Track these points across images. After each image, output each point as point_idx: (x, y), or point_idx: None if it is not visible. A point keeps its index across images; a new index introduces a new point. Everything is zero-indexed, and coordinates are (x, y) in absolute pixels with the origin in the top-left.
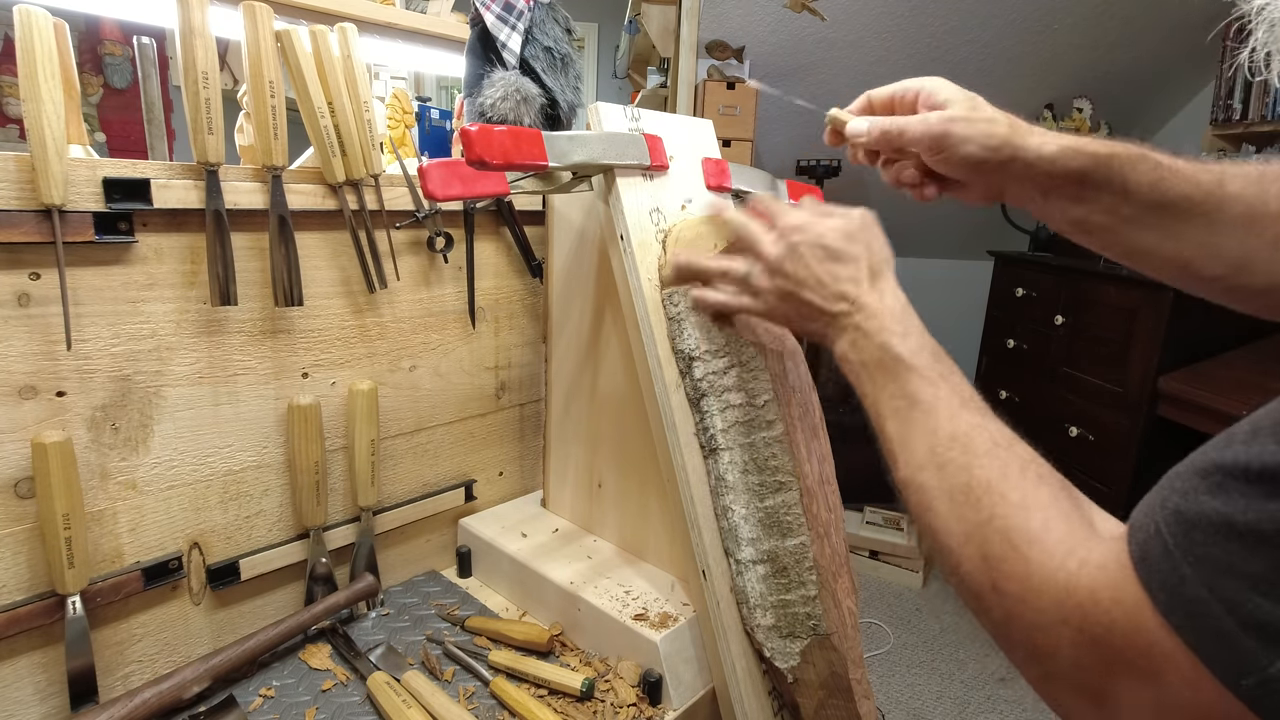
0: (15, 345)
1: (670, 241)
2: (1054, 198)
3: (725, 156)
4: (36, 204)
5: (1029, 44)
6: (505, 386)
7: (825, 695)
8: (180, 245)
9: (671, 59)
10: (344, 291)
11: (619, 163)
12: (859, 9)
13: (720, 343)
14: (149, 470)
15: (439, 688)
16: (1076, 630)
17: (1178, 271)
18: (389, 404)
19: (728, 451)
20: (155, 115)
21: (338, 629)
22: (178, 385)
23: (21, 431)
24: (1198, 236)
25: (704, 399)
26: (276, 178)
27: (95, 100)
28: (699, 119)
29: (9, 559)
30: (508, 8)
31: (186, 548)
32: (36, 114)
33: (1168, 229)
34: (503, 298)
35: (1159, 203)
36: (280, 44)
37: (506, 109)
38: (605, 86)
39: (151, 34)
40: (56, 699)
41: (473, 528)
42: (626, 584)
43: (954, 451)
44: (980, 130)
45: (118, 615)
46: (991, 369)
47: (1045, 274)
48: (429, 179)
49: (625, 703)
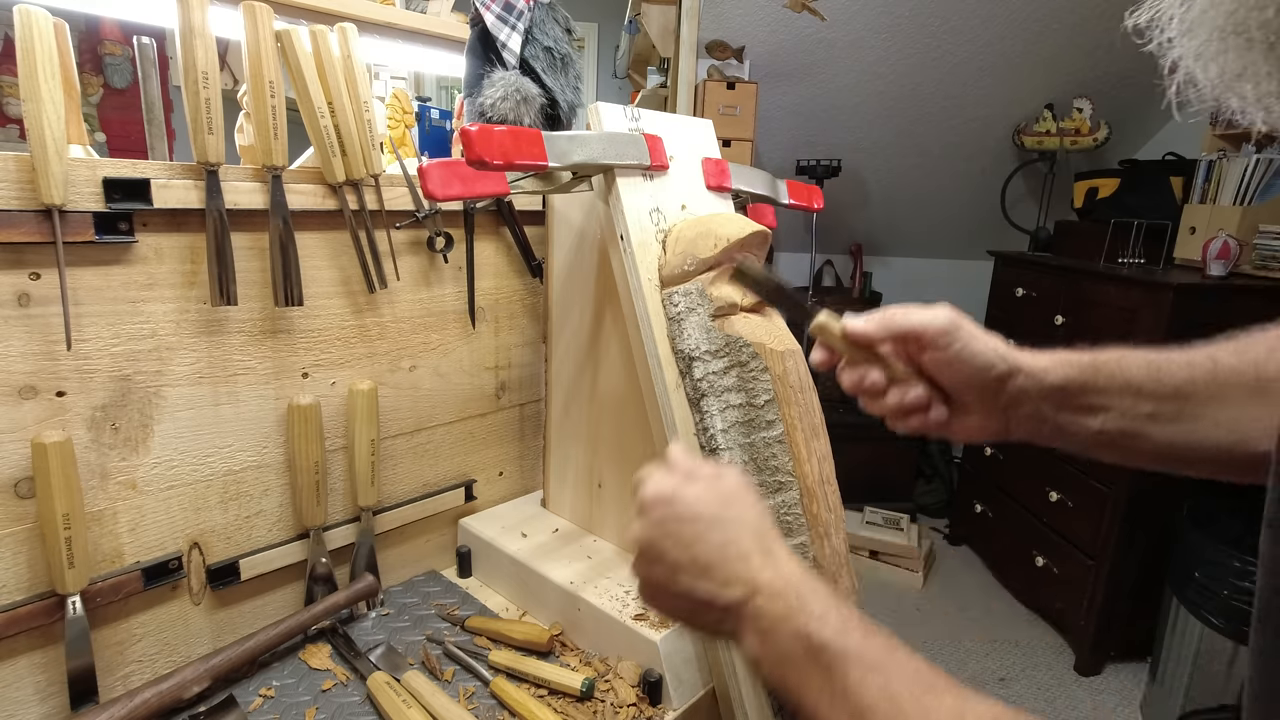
0: (15, 345)
1: (670, 241)
2: (1065, 412)
3: (725, 156)
4: (36, 204)
5: (1029, 44)
6: (505, 386)
7: None
8: (180, 245)
9: (671, 59)
10: (344, 291)
11: (619, 163)
12: (859, 9)
13: (720, 343)
14: (149, 470)
15: (439, 688)
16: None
17: (1230, 458)
18: (389, 404)
19: (728, 451)
20: (155, 115)
21: (338, 629)
22: (178, 385)
23: (21, 431)
24: (1229, 414)
25: (704, 399)
26: (276, 178)
27: (95, 100)
28: (699, 119)
29: (9, 559)
30: (508, 8)
31: (186, 548)
32: (36, 114)
33: (1197, 416)
34: (503, 298)
35: (1174, 391)
36: (280, 44)
37: (506, 109)
38: (605, 86)
39: (151, 34)
40: (56, 699)
41: (473, 528)
42: (626, 584)
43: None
44: (986, 336)
45: (118, 615)
46: None
47: (1045, 274)
48: (429, 179)
49: (625, 703)
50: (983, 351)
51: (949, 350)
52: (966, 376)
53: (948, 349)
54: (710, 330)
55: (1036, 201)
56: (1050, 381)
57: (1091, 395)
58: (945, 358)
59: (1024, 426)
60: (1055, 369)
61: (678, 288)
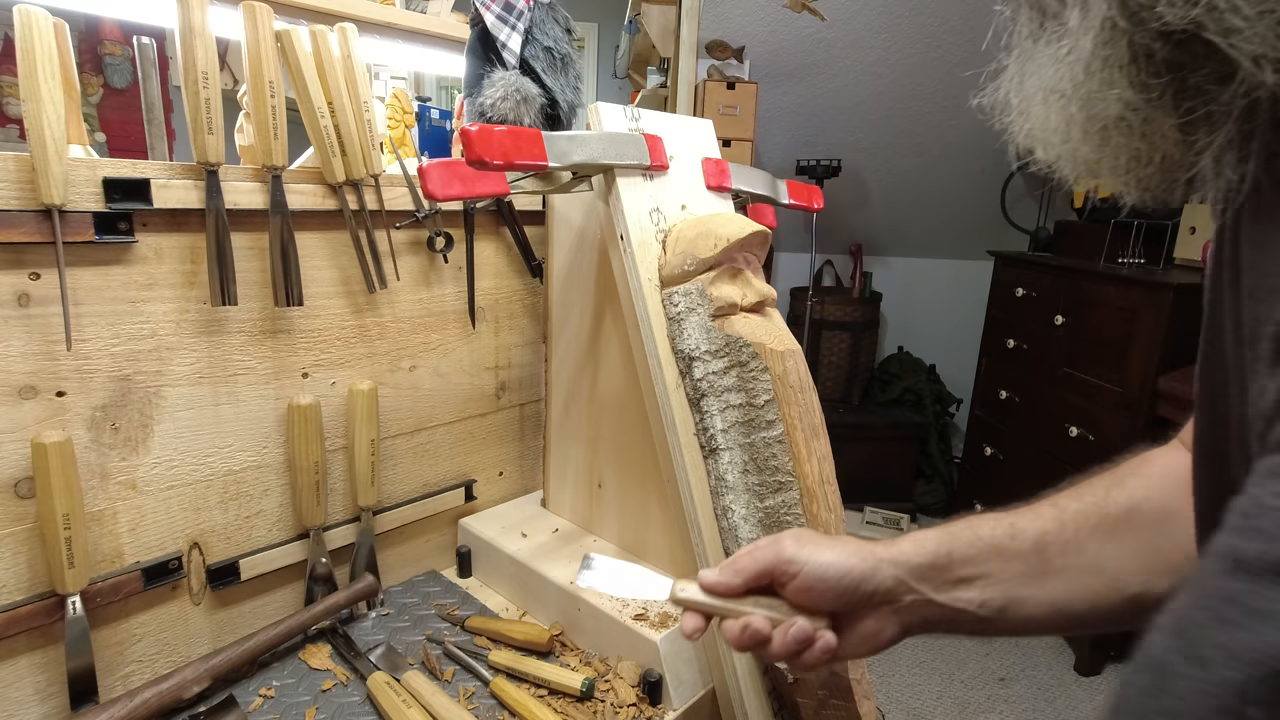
0: (15, 345)
1: (670, 241)
2: (944, 589)
3: (725, 156)
4: (36, 204)
5: None
6: (505, 386)
7: (825, 695)
8: (180, 245)
9: (671, 59)
10: (344, 291)
11: (619, 163)
12: (859, 9)
13: (720, 343)
14: (149, 470)
15: (439, 688)
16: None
17: (1110, 605)
18: (389, 404)
19: (728, 451)
20: (155, 115)
21: (338, 629)
22: (178, 385)
23: (21, 431)
24: (1090, 559)
25: (704, 399)
26: (276, 178)
27: (95, 100)
28: (699, 119)
29: (9, 559)
30: (508, 8)
31: (186, 548)
32: (36, 114)
33: (1063, 567)
34: (503, 298)
35: (1034, 544)
36: (280, 44)
37: (506, 109)
38: (605, 86)
39: (151, 34)
40: (56, 699)
41: (473, 528)
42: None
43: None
44: (833, 543)
45: (118, 615)
46: (991, 369)
47: (1045, 274)
48: (429, 179)
49: (625, 703)
50: (834, 561)
51: (801, 573)
52: (832, 591)
53: (799, 574)
54: (710, 330)
55: (1036, 201)
56: (917, 561)
57: (961, 566)
58: (801, 583)
59: (915, 617)
60: (915, 547)
61: (678, 288)
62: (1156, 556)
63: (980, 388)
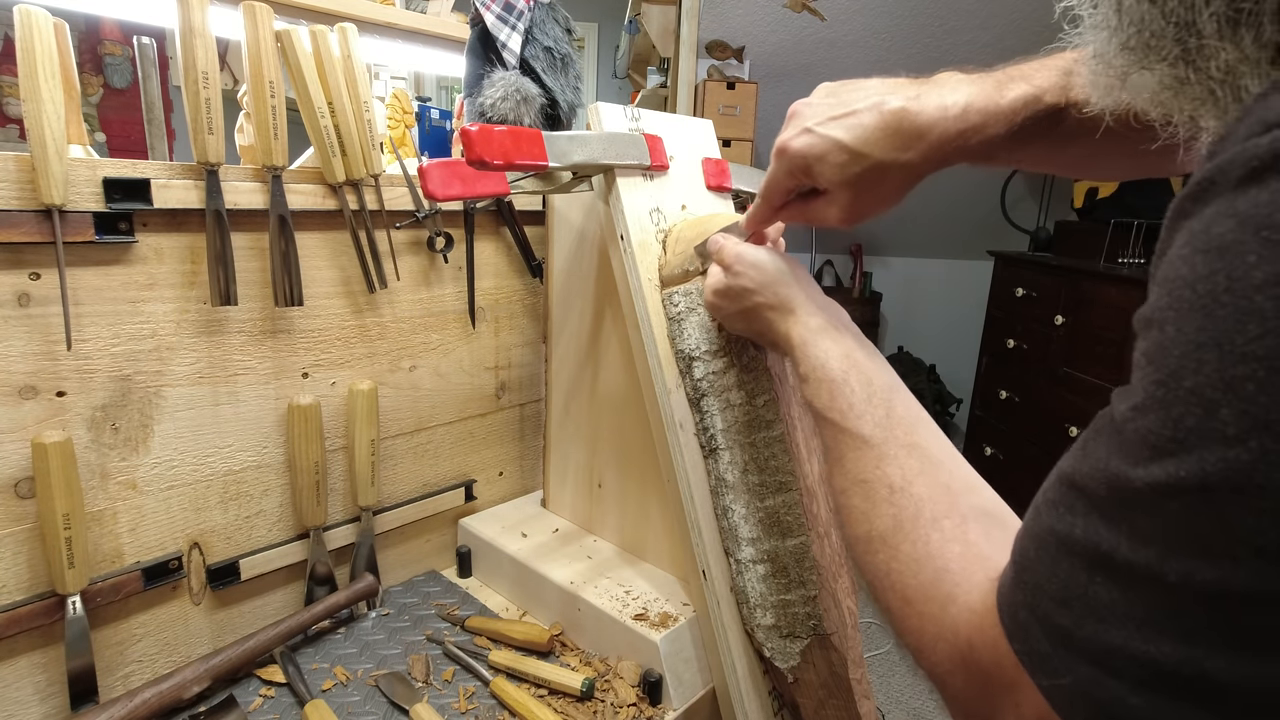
0: (15, 345)
1: (670, 241)
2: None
3: (725, 156)
4: (36, 204)
5: (1029, 44)
6: (505, 386)
7: (825, 695)
8: (180, 245)
9: (671, 59)
10: (344, 291)
11: (619, 163)
12: (859, 9)
13: (720, 343)
14: (149, 470)
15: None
16: (964, 673)
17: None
18: (389, 404)
19: (728, 451)
20: (155, 115)
21: (290, 654)
22: (178, 385)
23: (21, 431)
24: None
25: (704, 399)
26: (276, 178)
27: (95, 100)
28: (699, 119)
29: (9, 559)
30: (508, 8)
31: (186, 548)
32: (36, 114)
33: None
34: (503, 298)
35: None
36: (280, 44)
37: (506, 109)
38: (605, 86)
39: (151, 34)
40: (56, 699)
41: (473, 528)
42: (627, 584)
43: (856, 499)
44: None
45: (118, 615)
46: (991, 369)
47: (1045, 274)
48: (429, 179)
49: (625, 703)
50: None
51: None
52: (855, 171)
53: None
54: (710, 330)
55: (1036, 201)
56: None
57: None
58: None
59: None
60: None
61: (678, 288)
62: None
63: (980, 388)
